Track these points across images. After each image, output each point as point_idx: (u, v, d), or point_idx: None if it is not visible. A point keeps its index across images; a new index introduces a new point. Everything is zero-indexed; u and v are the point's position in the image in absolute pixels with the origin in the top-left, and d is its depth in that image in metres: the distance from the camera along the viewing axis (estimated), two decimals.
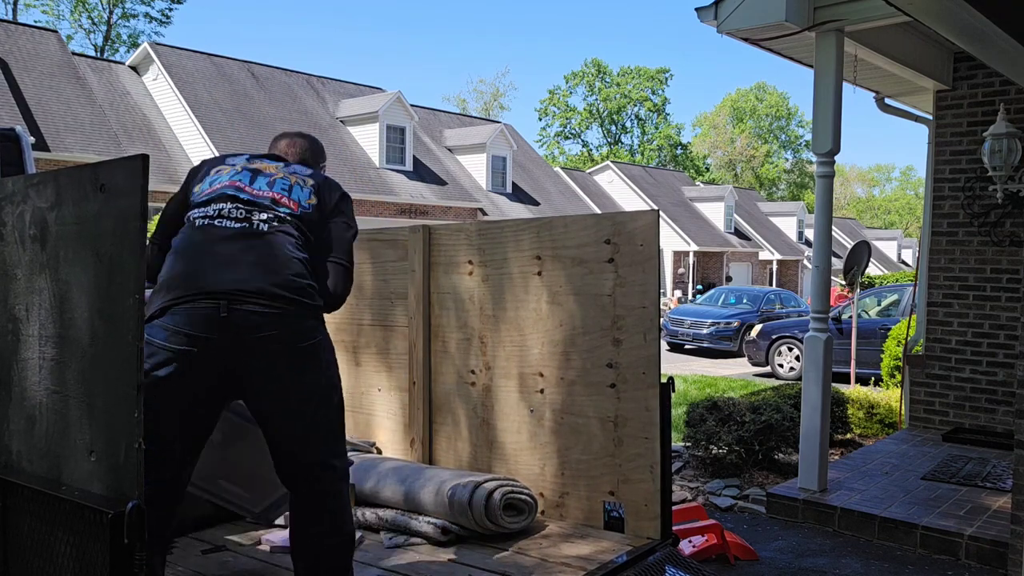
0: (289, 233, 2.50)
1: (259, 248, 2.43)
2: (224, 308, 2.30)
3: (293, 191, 2.59)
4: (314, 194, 2.63)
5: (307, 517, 2.48)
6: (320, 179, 2.69)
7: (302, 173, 2.68)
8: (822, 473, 4.97)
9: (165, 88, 21.51)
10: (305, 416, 2.44)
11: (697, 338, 16.21)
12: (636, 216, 3.22)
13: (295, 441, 2.45)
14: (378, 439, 4.16)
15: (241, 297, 2.32)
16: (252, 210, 2.49)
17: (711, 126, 63.12)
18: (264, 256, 2.42)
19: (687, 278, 34.21)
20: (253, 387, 2.40)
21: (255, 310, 2.33)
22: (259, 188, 2.56)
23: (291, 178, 2.63)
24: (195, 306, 2.31)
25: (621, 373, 3.24)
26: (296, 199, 2.58)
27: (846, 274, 8.31)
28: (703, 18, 5.09)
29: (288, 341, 2.37)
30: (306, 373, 2.42)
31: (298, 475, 2.48)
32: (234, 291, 2.33)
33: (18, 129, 5.09)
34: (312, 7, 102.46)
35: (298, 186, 2.62)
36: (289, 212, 2.54)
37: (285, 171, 2.66)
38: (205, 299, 2.31)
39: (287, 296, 2.38)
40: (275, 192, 2.56)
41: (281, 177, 2.62)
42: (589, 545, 3.12)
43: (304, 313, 2.42)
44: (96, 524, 1.78)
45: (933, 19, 4.21)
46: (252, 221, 2.47)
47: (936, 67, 6.40)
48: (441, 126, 29.21)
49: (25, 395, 2.08)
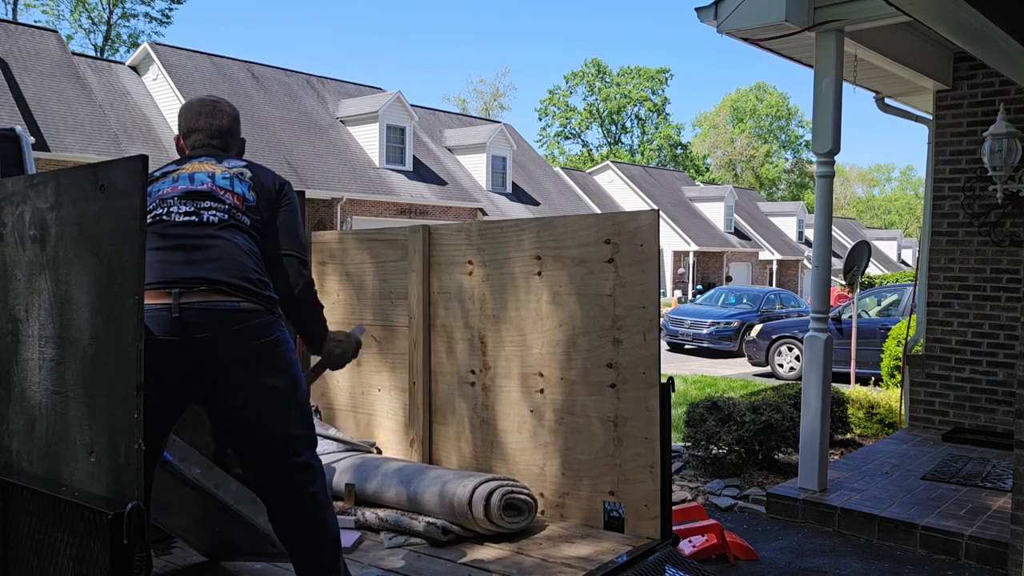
0: (240, 226, 2.44)
1: (212, 241, 2.38)
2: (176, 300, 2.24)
3: (235, 185, 2.52)
4: (253, 188, 2.54)
5: (287, 519, 2.42)
6: (257, 170, 2.60)
7: (237, 166, 2.59)
8: (822, 473, 4.97)
9: (165, 88, 21.51)
10: (278, 415, 2.39)
11: (697, 338, 16.21)
12: (636, 216, 3.22)
13: (269, 442, 2.39)
14: (378, 439, 4.16)
15: (196, 288, 2.27)
16: (198, 202, 2.43)
17: (711, 126, 63.12)
18: (219, 250, 2.37)
19: (687, 278, 34.20)
20: (219, 386, 2.34)
21: (216, 302, 2.28)
22: (200, 184, 2.48)
23: (230, 171, 2.54)
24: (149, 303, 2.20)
25: (621, 373, 3.24)
26: (240, 193, 2.51)
27: (846, 274, 8.31)
28: (703, 18, 5.09)
29: (253, 336, 2.33)
30: (275, 370, 2.38)
31: (274, 476, 2.41)
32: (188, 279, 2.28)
33: (18, 129, 5.10)
34: (312, 7, 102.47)
35: (237, 179, 2.53)
36: (233, 206, 2.47)
37: (222, 166, 2.56)
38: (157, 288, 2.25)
39: (248, 288, 2.34)
40: (217, 186, 2.49)
41: (220, 172, 2.53)
42: (589, 545, 3.12)
43: (261, 307, 2.37)
44: (96, 524, 1.78)
45: (933, 19, 4.21)
46: (201, 215, 2.41)
47: (936, 67, 6.40)
48: (441, 126, 29.21)
49: (25, 395, 2.08)
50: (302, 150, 21.91)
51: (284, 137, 21.91)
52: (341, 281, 4.28)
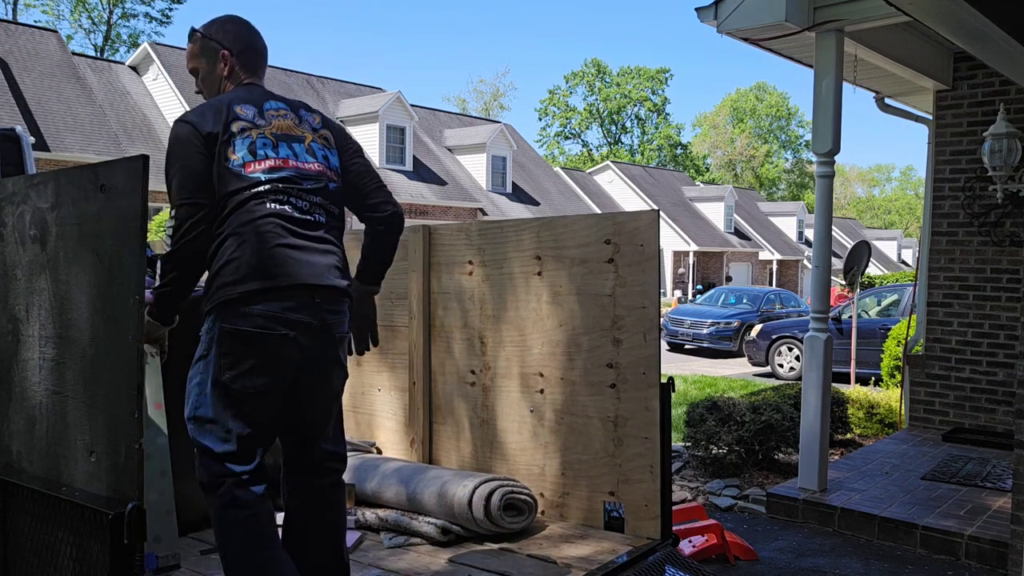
0: (335, 220, 2.48)
1: (324, 243, 2.41)
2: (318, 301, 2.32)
3: (330, 159, 2.51)
4: (334, 147, 2.55)
5: (321, 508, 2.47)
6: (330, 125, 2.59)
7: (317, 127, 2.54)
8: (822, 473, 4.97)
9: (165, 88, 21.52)
10: (333, 406, 2.48)
11: (697, 338, 16.21)
12: (636, 216, 3.22)
13: (323, 432, 2.47)
14: (378, 439, 4.16)
15: (324, 293, 2.34)
16: (310, 197, 2.41)
17: (711, 126, 63.12)
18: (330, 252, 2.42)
19: (687, 278, 34.20)
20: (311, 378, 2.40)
21: (334, 308, 2.37)
22: (306, 162, 2.44)
23: (318, 140, 2.52)
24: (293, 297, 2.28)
25: (621, 373, 3.24)
26: (335, 168, 2.52)
27: (846, 274, 8.31)
28: (703, 18, 5.09)
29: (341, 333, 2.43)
30: (340, 362, 2.46)
31: (315, 465, 2.47)
32: (319, 286, 2.33)
33: (18, 129, 5.10)
34: (312, 7, 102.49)
35: (325, 148, 2.52)
36: (332, 184, 2.48)
37: (310, 132, 2.51)
38: (299, 291, 2.29)
39: (349, 292, 2.44)
40: (319, 164, 2.47)
41: (312, 140, 2.49)
42: (589, 545, 3.12)
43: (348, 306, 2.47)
44: (96, 524, 1.78)
45: (933, 19, 4.21)
46: (313, 215, 2.40)
47: (936, 67, 6.40)
48: (441, 126, 29.21)
49: (25, 395, 2.08)
50: None
51: None
52: None
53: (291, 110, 2.52)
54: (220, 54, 2.51)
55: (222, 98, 2.43)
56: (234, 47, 2.53)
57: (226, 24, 2.56)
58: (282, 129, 2.45)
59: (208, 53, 2.52)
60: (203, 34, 2.53)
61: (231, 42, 2.53)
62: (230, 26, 2.56)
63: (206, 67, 2.54)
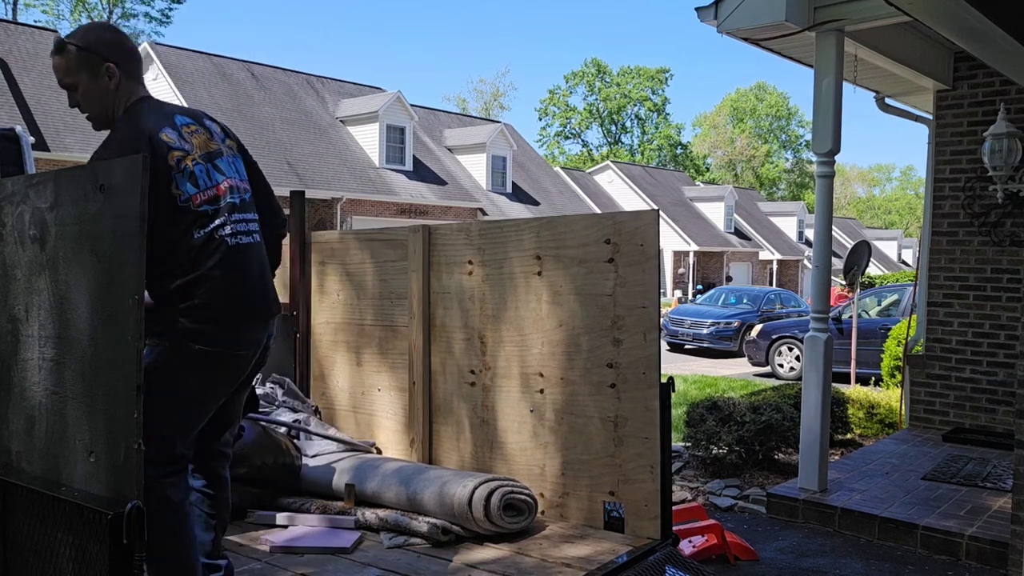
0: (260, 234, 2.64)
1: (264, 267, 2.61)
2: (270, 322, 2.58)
3: (240, 170, 2.59)
4: (238, 153, 2.63)
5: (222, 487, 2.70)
6: (228, 132, 2.62)
7: (222, 137, 2.57)
8: (822, 473, 4.97)
9: (165, 88, 21.49)
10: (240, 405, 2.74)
11: (697, 338, 16.21)
12: (636, 216, 3.22)
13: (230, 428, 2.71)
14: (378, 439, 4.15)
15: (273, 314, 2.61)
16: (245, 215, 2.54)
17: (711, 126, 63.12)
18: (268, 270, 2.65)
19: (687, 278, 34.20)
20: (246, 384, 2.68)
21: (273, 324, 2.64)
22: (231, 178, 2.50)
23: (228, 151, 2.55)
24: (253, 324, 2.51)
25: (621, 373, 3.24)
26: (245, 178, 2.62)
27: (846, 274, 8.30)
28: (703, 18, 5.09)
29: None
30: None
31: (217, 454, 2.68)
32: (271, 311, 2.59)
33: (18, 129, 5.09)
34: (312, 7, 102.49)
35: (235, 157, 2.59)
36: (249, 195, 2.59)
37: (220, 143, 2.53)
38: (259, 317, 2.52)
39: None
40: (240, 180, 2.56)
41: (226, 154, 2.53)
42: (589, 545, 3.12)
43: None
44: (96, 525, 1.78)
45: (933, 19, 4.21)
46: (252, 236, 2.54)
47: (936, 67, 6.40)
48: (441, 126, 29.20)
49: (25, 395, 2.08)
50: (302, 150, 21.91)
51: (284, 137, 21.91)
52: (341, 281, 4.28)
53: (198, 123, 2.51)
54: (105, 67, 2.39)
55: (140, 128, 2.34)
56: (118, 58, 2.41)
57: (103, 34, 2.44)
58: (203, 148, 2.45)
59: (89, 66, 2.38)
60: (79, 46, 2.38)
61: (114, 53, 2.41)
62: (107, 35, 2.45)
63: (87, 82, 2.40)
